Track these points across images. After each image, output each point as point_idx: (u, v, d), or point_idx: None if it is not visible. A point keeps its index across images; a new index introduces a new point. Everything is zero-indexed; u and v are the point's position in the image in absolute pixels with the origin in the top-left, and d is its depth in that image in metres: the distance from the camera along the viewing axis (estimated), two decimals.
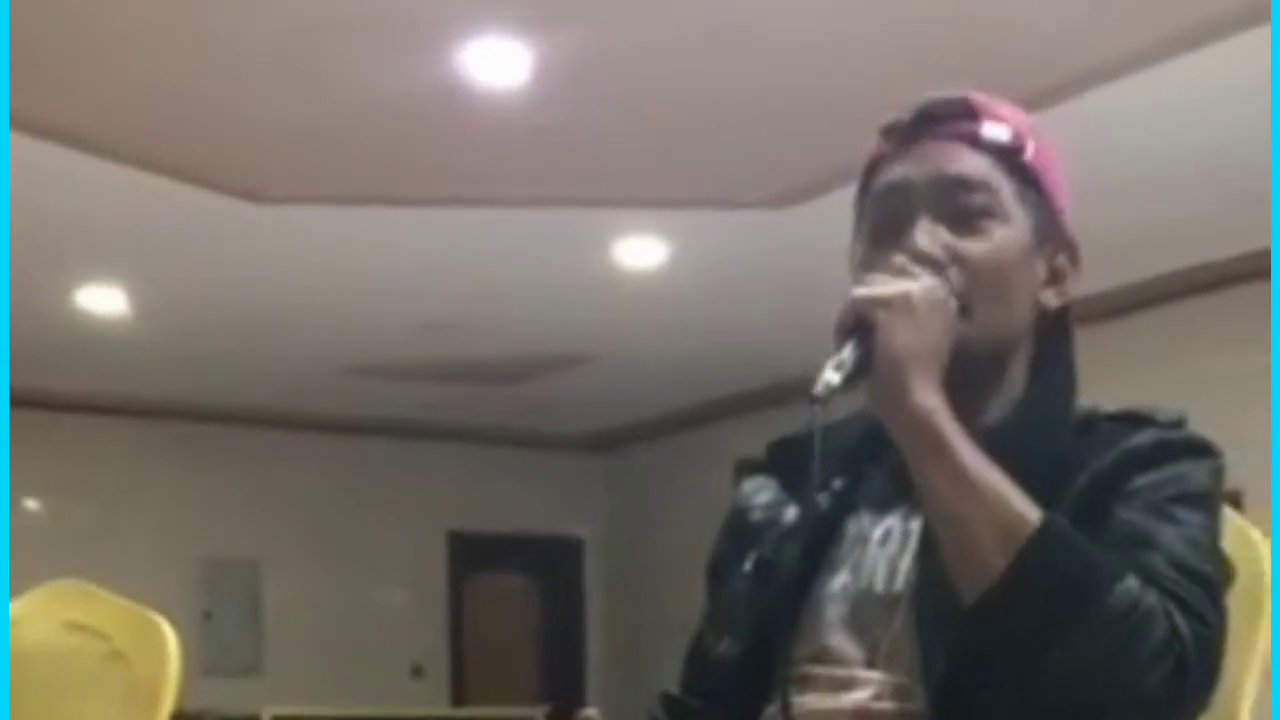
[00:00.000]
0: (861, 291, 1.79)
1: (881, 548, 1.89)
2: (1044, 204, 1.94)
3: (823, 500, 1.94)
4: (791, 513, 1.98)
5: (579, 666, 13.59)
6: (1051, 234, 1.94)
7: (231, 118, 6.83)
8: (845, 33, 6.01)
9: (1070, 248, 1.97)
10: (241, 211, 7.65)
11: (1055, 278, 1.95)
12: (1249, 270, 8.36)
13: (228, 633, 11.98)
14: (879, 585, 1.86)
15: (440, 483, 12.76)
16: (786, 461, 2.02)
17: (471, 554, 13.07)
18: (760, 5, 5.85)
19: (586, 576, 13.69)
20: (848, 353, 1.75)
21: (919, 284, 1.79)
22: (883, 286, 1.79)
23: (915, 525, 1.86)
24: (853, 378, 1.75)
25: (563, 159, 7.24)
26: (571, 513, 13.40)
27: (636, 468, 13.14)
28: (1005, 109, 1.96)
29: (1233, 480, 6.98)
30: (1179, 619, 1.65)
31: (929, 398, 1.73)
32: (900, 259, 1.83)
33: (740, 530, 2.04)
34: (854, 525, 1.92)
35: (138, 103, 6.64)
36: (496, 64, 6.29)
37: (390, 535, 12.59)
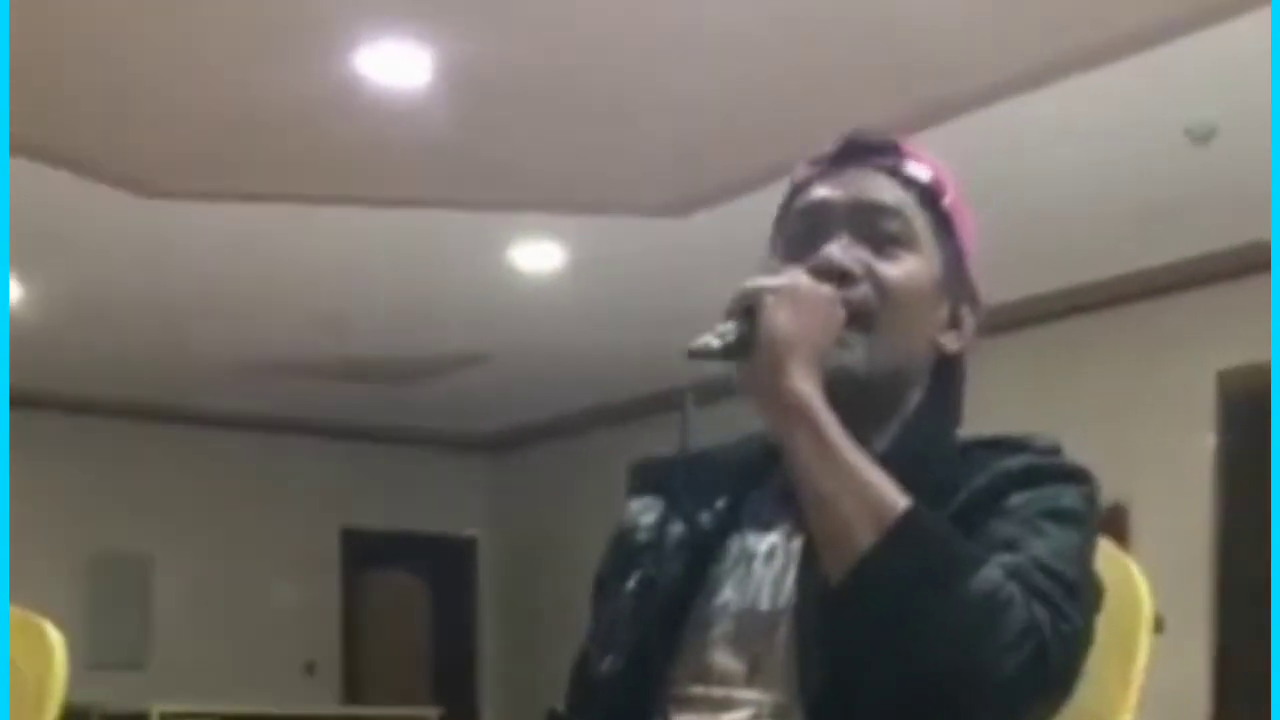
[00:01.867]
0: (751, 281, 1.83)
1: (766, 565, 1.92)
2: (955, 249, 1.99)
3: (706, 519, 1.98)
4: (676, 531, 2.01)
5: (471, 664, 13.61)
6: (959, 280, 2.00)
7: (126, 111, 6.81)
8: (747, 41, 6.04)
9: (974, 299, 2.02)
10: (134, 206, 7.62)
11: (956, 323, 2.00)
12: (1138, 289, 8.47)
13: (117, 627, 11.91)
14: (764, 603, 1.90)
15: (334, 480, 12.74)
16: (671, 482, 2.06)
17: (365, 551, 13.06)
18: (662, 12, 5.88)
19: (480, 575, 13.71)
20: (731, 327, 1.80)
21: (807, 281, 1.85)
22: (770, 278, 1.85)
23: (797, 544, 1.89)
24: (732, 350, 1.79)
25: (460, 162, 7.25)
26: (465, 512, 13.40)
27: (530, 468, 13.17)
28: (929, 157, 2.02)
29: (1118, 494, 7.13)
30: (1039, 610, 1.70)
31: (805, 383, 1.77)
32: (796, 269, 1.88)
33: (625, 549, 2.06)
34: (737, 542, 1.96)
35: (29, 95, 6.59)
36: (395, 66, 6.29)
37: (283, 531, 12.57)
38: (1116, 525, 8.45)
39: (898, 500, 1.73)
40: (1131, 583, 2.06)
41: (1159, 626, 7.10)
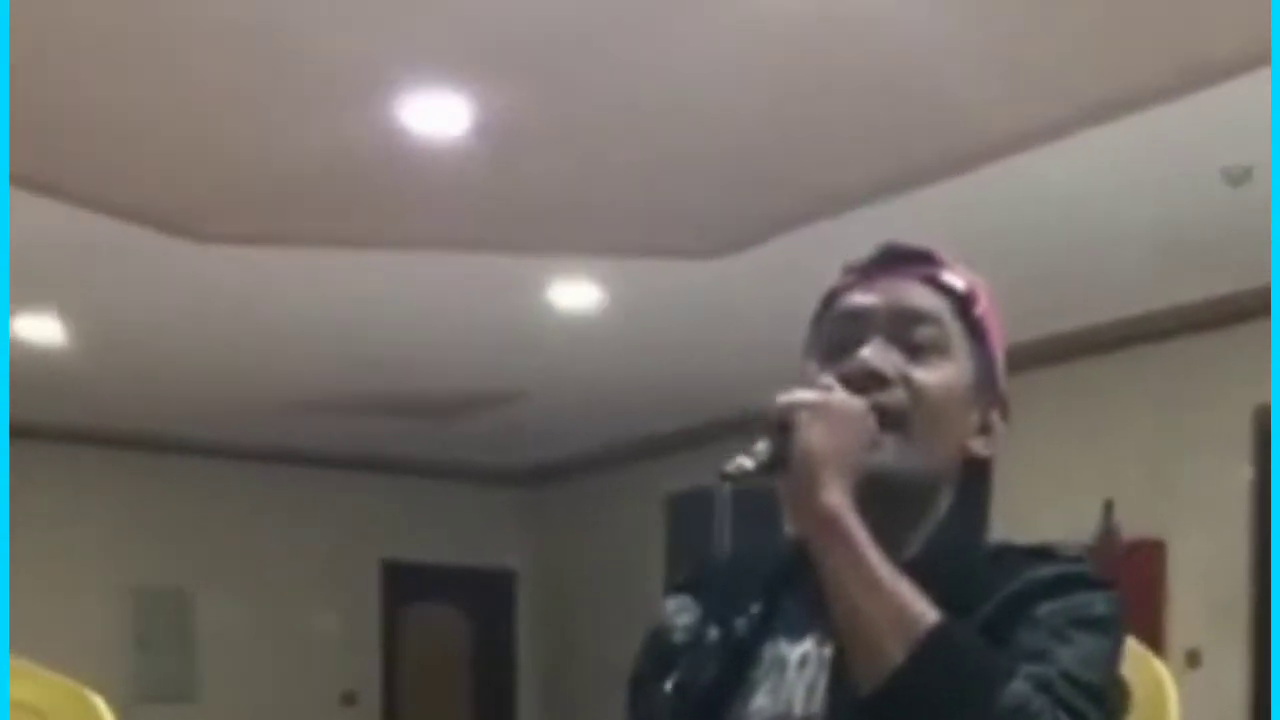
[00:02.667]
0: (784, 395, 1.89)
1: (799, 672, 1.97)
2: (986, 357, 2.04)
3: (741, 625, 2.03)
4: (713, 635, 2.05)
5: (510, 696, 13.64)
6: (989, 386, 2.04)
7: (176, 159, 6.88)
8: (782, 84, 6.08)
9: (1003, 405, 2.07)
10: (182, 249, 7.68)
11: (986, 428, 2.05)
12: (1174, 326, 8.49)
13: (161, 660, 12.01)
14: (797, 710, 1.95)
15: (375, 513, 12.79)
16: (709, 586, 2.11)
17: (405, 584, 13.11)
18: (693, 64, 5.92)
19: (518, 608, 13.74)
20: (764, 445, 1.85)
21: (840, 395, 1.90)
22: (804, 392, 1.90)
23: (829, 651, 1.94)
24: (766, 468, 1.85)
25: (499, 207, 7.31)
26: (504, 545, 13.44)
27: (568, 502, 13.20)
28: (962, 267, 2.07)
29: (1156, 530, 7.17)
30: None
31: (838, 497, 1.82)
32: (827, 379, 1.93)
33: (662, 650, 2.10)
34: (771, 649, 2.00)
35: (82, 143, 6.69)
36: (436, 116, 6.36)
37: (324, 564, 12.63)
38: (1154, 560, 8.48)
39: (927, 613, 1.78)
40: (1151, 670, 2.13)
41: (1196, 661, 7.15)
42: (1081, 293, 8.28)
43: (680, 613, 2.12)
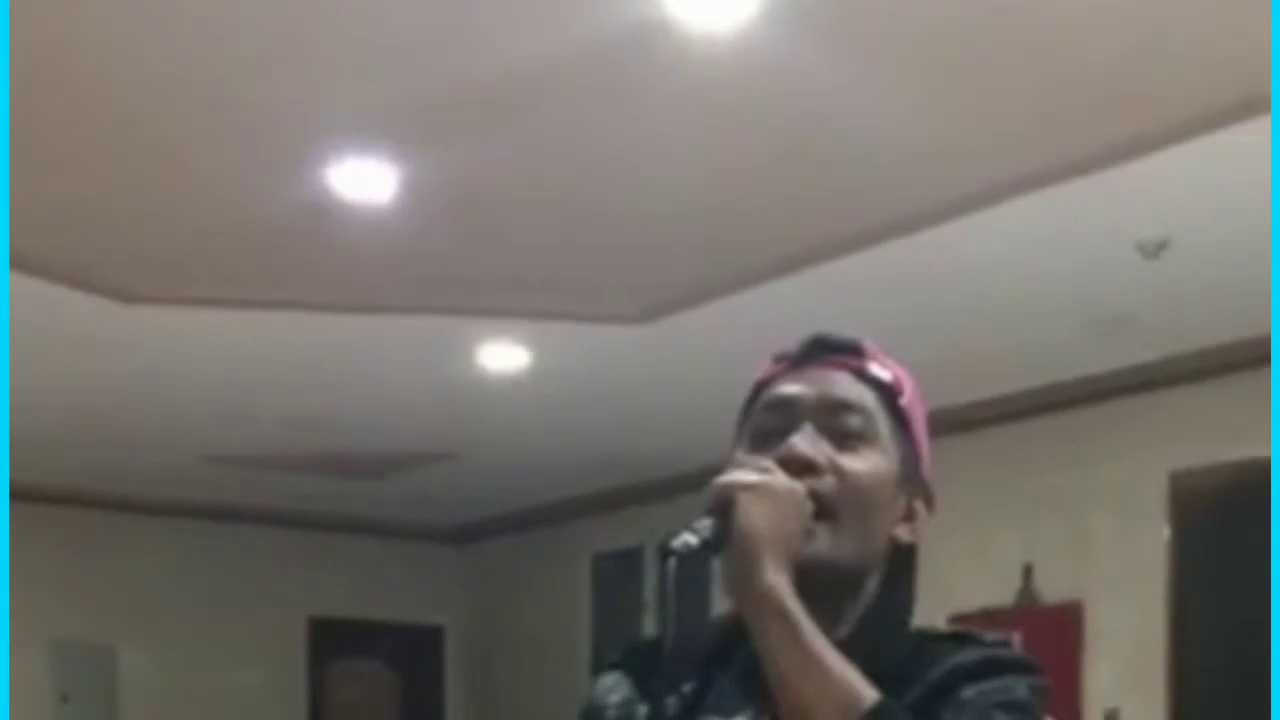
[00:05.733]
0: (725, 476, 1.94)
1: None
2: (911, 447, 2.10)
3: (671, 703, 2.02)
4: (643, 712, 2.09)
5: None
6: (914, 475, 2.10)
7: (105, 221, 6.91)
8: (712, 152, 6.16)
9: (927, 494, 2.12)
10: (108, 309, 7.70)
11: (911, 516, 2.10)
12: (1095, 391, 8.61)
13: (84, 716, 11.93)
14: None
15: (302, 569, 12.72)
16: (640, 663, 2.14)
17: (332, 640, 13.05)
18: (623, 126, 5.99)
19: (447, 664, 13.70)
20: (707, 523, 1.89)
21: (780, 478, 1.95)
22: (745, 474, 1.95)
23: None
24: (709, 546, 1.88)
25: (428, 269, 7.36)
26: (432, 602, 13.40)
27: (496, 560, 13.19)
28: (891, 360, 2.13)
29: (1074, 591, 7.32)
30: None
31: (777, 577, 1.87)
32: (766, 461, 1.98)
33: None
34: None
35: (11, 204, 6.72)
36: (364, 180, 6.41)
37: (251, 620, 12.56)
38: (1073, 622, 8.58)
39: (867, 693, 1.84)
40: None
41: None
42: (1001, 361, 8.38)
43: (612, 691, 2.16)
